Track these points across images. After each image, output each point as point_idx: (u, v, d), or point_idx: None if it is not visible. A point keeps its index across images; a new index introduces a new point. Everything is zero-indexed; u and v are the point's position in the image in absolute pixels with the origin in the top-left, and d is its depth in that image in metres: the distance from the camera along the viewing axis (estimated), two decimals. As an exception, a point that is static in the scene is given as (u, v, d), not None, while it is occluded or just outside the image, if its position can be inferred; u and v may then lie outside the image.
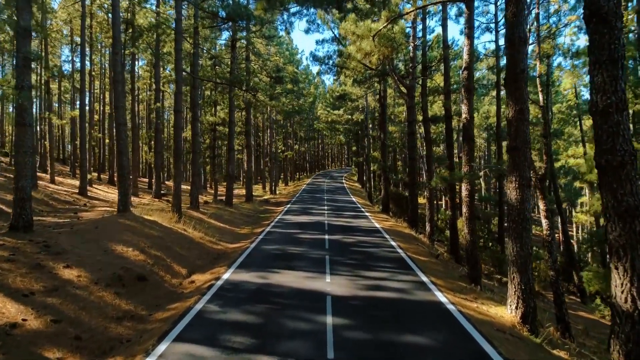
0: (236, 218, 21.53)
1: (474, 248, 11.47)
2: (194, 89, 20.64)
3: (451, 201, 17.39)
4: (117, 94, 13.93)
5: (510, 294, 8.08)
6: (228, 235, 16.89)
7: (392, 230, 17.49)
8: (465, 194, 11.60)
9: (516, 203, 7.96)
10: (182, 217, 16.11)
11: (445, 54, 17.37)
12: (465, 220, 11.65)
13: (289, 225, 18.34)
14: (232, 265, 10.99)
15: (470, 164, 11.56)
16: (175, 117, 15.99)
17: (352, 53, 13.02)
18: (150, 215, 15.14)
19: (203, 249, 13.38)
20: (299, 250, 12.82)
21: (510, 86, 8.14)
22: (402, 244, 14.45)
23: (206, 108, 37.20)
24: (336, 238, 14.93)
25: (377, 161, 27.25)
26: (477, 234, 22.84)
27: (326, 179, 58.10)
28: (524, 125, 8.02)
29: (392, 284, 9.29)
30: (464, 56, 11.90)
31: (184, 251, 12.34)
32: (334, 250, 12.76)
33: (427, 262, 12.36)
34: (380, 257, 12.00)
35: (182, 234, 13.99)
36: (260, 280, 9.48)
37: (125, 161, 13.97)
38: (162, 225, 13.93)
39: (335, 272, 10.21)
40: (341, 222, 19.20)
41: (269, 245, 13.74)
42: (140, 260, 10.05)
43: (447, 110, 17.51)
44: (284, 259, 11.61)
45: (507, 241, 8.18)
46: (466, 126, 11.77)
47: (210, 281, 9.54)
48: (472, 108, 11.83)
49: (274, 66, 27.95)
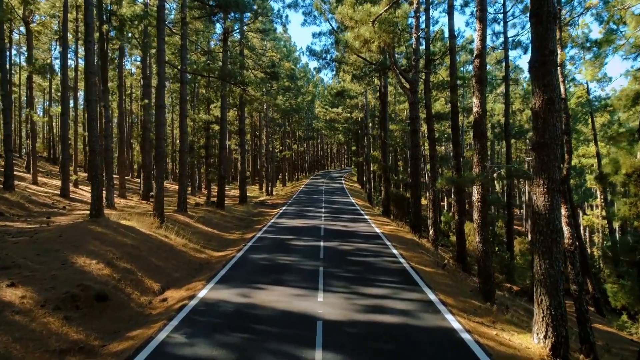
0: (227, 222, 20.20)
1: (486, 259, 10.15)
2: (182, 84, 19.32)
3: (458, 205, 16.05)
4: (89, 86, 12.60)
5: (537, 320, 6.75)
6: (215, 241, 15.56)
7: (393, 236, 16.16)
8: (477, 198, 10.27)
9: (544, 211, 6.63)
10: (165, 221, 14.79)
11: (451, 45, 16.04)
12: (477, 227, 10.33)
13: (283, 230, 17.01)
14: (212, 279, 9.66)
15: (483, 163, 10.23)
16: (157, 113, 14.68)
17: (349, 41, 11.70)
18: (129, 220, 13.82)
19: (184, 259, 12.05)
20: (290, 260, 11.49)
21: (536, 71, 6.80)
22: (404, 251, 13.11)
23: (200, 106, 35.91)
24: (332, 245, 13.60)
25: (378, 161, 25.92)
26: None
27: (325, 179, 56.79)
28: (554, 117, 6.69)
29: (396, 304, 7.95)
30: (476, 42, 10.58)
31: (161, 262, 11.01)
32: (329, 261, 11.43)
33: (433, 273, 11.02)
34: (381, 269, 10.67)
35: (162, 242, 12.66)
36: (242, 299, 8.15)
37: (98, 160, 12.65)
38: (139, 231, 12.60)
39: (329, 288, 8.88)
40: (339, 226, 17.87)
41: (257, 253, 12.40)
42: (104, 274, 8.71)
43: (454, 106, 16.17)
44: (272, 271, 10.28)
45: (535, 256, 6.86)
46: (478, 121, 10.44)
47: (183, 300, 8.21)
48: (485, 101, 10.50)
49: (269, 61, 26.62)
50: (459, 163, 15.70)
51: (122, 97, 25.87)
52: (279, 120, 53.48)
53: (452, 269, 13.48)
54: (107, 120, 19.48)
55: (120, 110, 24.90)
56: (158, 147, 14.61)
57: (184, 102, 19.12)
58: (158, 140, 14.60)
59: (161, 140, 14.57)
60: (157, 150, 14.63)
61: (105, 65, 19.49)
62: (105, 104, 19.43)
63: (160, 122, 14.60)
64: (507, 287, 16.98)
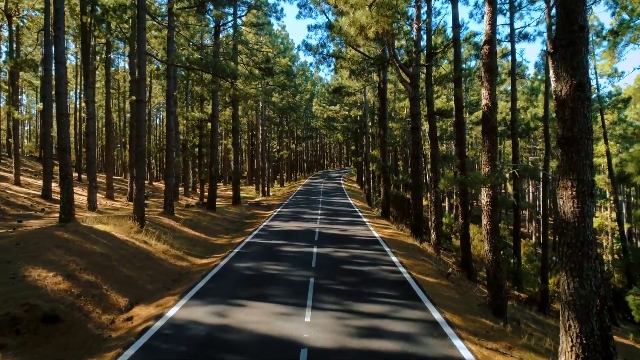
0: (216, 225, 19.07)
1: (497, 270, 9.03)
2: (168, 79, 18.22)
3: (462, 207, 14.91)
4: (58, 77, 11.50)
5: (564, 350, 5.64)
6: (201, 246, 14.45)
7: (392, 241, 15.05)
8: (487, 201, 9.15)
9: (572, 219, 5.52)
10: (145, 225, 13.67)
11: (455, 34, 14.92)
12: (486, 234, 9.20)
13: (274, 234, 15.89)
14: (187, 293, 8.55)
15: (493, 162, 9.11)
16: (137, 108, 13.57)
17: (344, 27, 10.55)
18: (105, 224, 12.72)
19: (161, 268, 10.93)
20: (278, 270, 10.37)
21: (562, 51, 5.69)
22: (405, 259, 12.00)
23: (193, 104, 34.82)
24: (326, 252, 12.48)
25: (377, 160, 24.78)
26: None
27: (324, 179, 55.68)
28: (584, 106, 5.57)
29: (395, 325, 6.83)
30: (484, 27, 9.45)
31: (134, 272, 9.89)
32: (321, 270, 10.31)
33: (436, 285, 9.90)
34: (378, 280, 9.55)
35: (139, 248, 11.54)
36: (216, 319, 7.03)
37: (68, 159, 11.55)
38: (114, 237, 11.49)
39: (319, 305, 7.76)
40: (335, 230, 16.76)
41: (243, 261, 11.29)
42: (60, 290, 7.59)
43: (458, 100, 15.04)
44: (257, 284, 9.15)
45: (561, 273, 5.74)
46: (487, 115, 9.31)
47: (149, 320, 7.10)
48: (495, 92, 9.37)
49: (264, 57, 25.48)
50: (464, 162, 14.57)
51: (110, 93, 24.73)
52: (277, 119, 52.37)
53: (457, 278, 12.36)
54: (89, 117, 18.37)
55: (107, 106, 23.76)
56: (138, 145, 13.48)
57: (171, 98, 17.99)
58: (138, 138, 13.48)
59: (142, 137, 13.44)
60: (138, 148, 13.51)
61: (87, 59, 18.39)
62: (87, 99, 18.33)
63: (141, 118, 13.48)
64: (515, 295, 15.86)
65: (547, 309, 15.50)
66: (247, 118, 54.59)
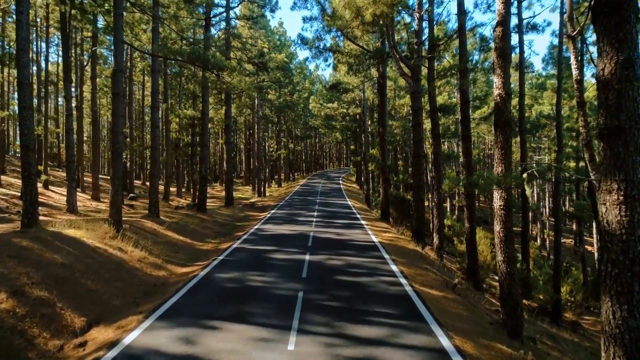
0: (205, 228, 17.92)
1: (512, 284, 7.88)
2: (153, 73, 17.07)
3: (469, 210, 13.74)
4: (20, 68, 10.38)
5: (608, 394, 4.49)
6: (184, 253, 13.30)
7: (392, 246, 13.90)
8: (500, 205, 8.00)
9: (619, 230, 4.38)
10: (122, 230, 12.52)
11: (460, 22, 13.78)
12: (499, 242, 8.05)
13: (265, 238, 14.75)
14: (155, 310, 7.41)
15: (507, 161, 7.97)
16: (113, 102, 12.43)
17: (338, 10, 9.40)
18: (77, 229, 11.58)
19: (134, 278, 9.78)
20: (263, 282, 9.23)
21: (605, 20, 4.55)
22: (406, 268, 10.86)
23: (186, 102, 33.69)
24: (319, 259, 11.34)
25: (376, 160, 23.64)
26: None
27: (322, 179, 54.57)
28: (633, 88, 4.43)
29: (396, 355, 5.69)
30: (497, 6, 8.31)
31: (100, 284, 8.74)
32: (312, 282, 9.17)
33: (442, 300, 8.76)
34: (376, 295, 8.40)
35: (111, 256, 10.39)
36: (182, 347, 5.88)
37: (31, 158, 10.43)
38: (84, 244, 10.35)
39: (306, 327, 6.62)
40: (330, 234, 15.61)
41: (226, 271, 10.14)
42: (3, 309, 6.45)
43: (464, 94, 13.89)
44: (238, 299, 8.01)
45: (603, 297, 4.60)
46: (500, 107, 8.17)
47: (102, 348, 5.96)
48: (509, 80, 8.22)
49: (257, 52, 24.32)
50: (470, 161, 13.42)
51: (96, 89, 23.57)
52: (274, 118, 51.20)
53: (463, 289, 11.21)
54: (68, 113, 17.23)
55: (93, 102, 22.61)
56: (115, 142, 12.34)
57: (156, 93, 16.83)
58: (115, 134, 12.33)
59: (118, 133, 12.29)
60: (114, 145, 12.37)
61: (67, 50, 17.22)
62: (66, 94, 17.16)
63: (118, 113, 12.33)
64: (526, 305, 14.70)
65: (559, 319, 14.39)
66: (244, 117, 53.42)
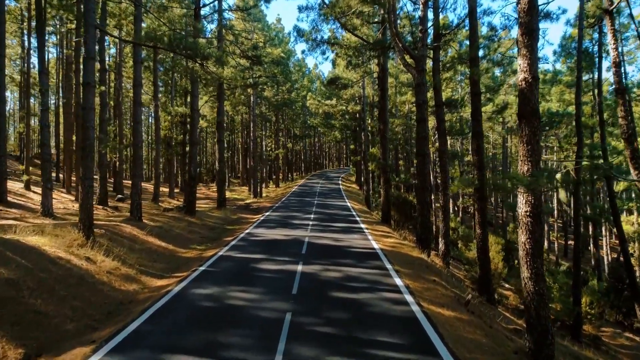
0: (192, 232, 16.59)
1: (541, 306, 6.54)
2: (135, 64, 15.78)
3: (480, 214, 12.32)
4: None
5: None
6: (163, 261, 11.97)
7: (395, 254, 12.57)
8: (526, 211, 6.67)
9: None
10: (95, 236, 11.18)
11: (471, 6, 12.44)
12: (526, 255, 6.72)
13: (255, 245, 13.43)
14: (110, 340, 6.10)
15: (536, 158, 6.65)
16: (83, 93, 11.10)
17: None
18: (41, 236, 10.27)
19: (98, 295, 8.44)
20: (247, 300, 7.90)
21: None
22: (411, 281, 9.53)
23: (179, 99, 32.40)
24: (314, 271, 10.02)
25: (376, 159, 22.32)
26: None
27: (321, 179, 53.26)
28: None
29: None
30: (523, -27, 7.00)
31: (52, 305, 7.41)
32: (304, 300, 7.85)
33: (455, 322, 7.44)
34: (379, 317, 7.08)
35: (75, 268, 9.06)
36: (128, 398, 4.56)
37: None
38: (43, 254, 9.02)
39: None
40: (327, 239, 14.29)
41: (205, 285, 8.81)
42: None
43: (475, 84, 12.55)
44: (212, 325, 6.68)
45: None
46: (526, 94, 6.85)
47: (28, 397, 4.63)
48: (537, 62, 6.90)
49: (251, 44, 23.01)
50: (481, 159, 12.07)
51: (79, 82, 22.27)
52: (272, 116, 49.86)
53: (476, 304, 9.89)
54: (44, 107, 15.90)
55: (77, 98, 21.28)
56: (84, 137, 10.99)
57: (138, 86, 15.52)
58: (84, 130, 10.98)
59: (88, 129, 10.95)
60: (84, 142, 11.03)
61: (42, 40, 15.90)
62: (42, 88, 15.84)
63: (88, 105, 11.00)
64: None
65: (580, 334, 13.09)
66: (241, 116, 52.11)
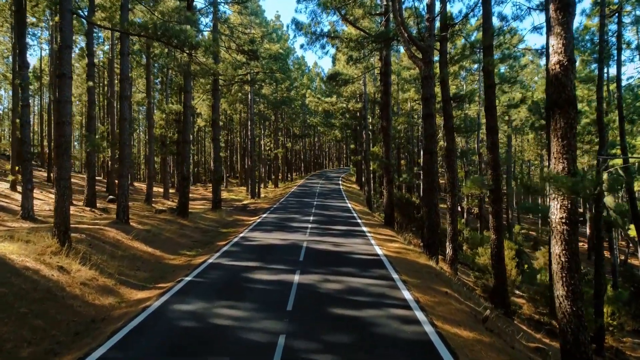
0: (182, 236, 15.57)
1: (580, 329, 5.49)
2: (122, 57, 14.76)
3: (495, 219, 11.16)
4: None
5: None
6: (148, 269, 10.95)
7: (401, 261, 11.55)
8: (561, 218, 5.64)
9: None
10: (70, 242, 10.16)
11: (484, -11, 11.48)
12: (561, 270, 5.70)
13: (249, 251, 12.41)
14: (65, 374, 5.06)
15: (571, 155, 5.64)
16: (59, 84, 10.11)
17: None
18: (10, 242, 9.30)
19: (65, 312, 7.42)
20: (234, 319, 6.87)
21: None
22: (421, 294, 8.51)
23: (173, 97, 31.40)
24: (312, 281, 9.00)
25: (378, 158, 21.29)
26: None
27: (321, 179, 52.24)
28: None
29: None
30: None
31: (8, 325, 6.39)
32: (299, 319, 6.82)
33: (475, 345, 6.41)
34: (387, 341, 6.06)
35: (43, 280, 8.04)
36: None
37: None
38: (8, 264, 8.02)
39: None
40: (327, 244, 13.27)
41: (189, 300, 7.78)
42: None
43: (489, 75, 11.53)
44: (190, 353, 5.65)
45: None
46: (560, 79, 5.84)
47: None
48: (572, 43, 5.88)
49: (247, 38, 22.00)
50: (497, 157, 11.05)
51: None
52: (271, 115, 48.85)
53: (494, 320, 8.86)
54: (24, 103, 14.89)
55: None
56: (60, 134, 9.99)
57: (125, 80, 14.50)
58: (59, 125, 9.98)
59: (64, 124, 9.95)
60: (59, 139, 10.03)
61: (22, 31, 14.89)
62: (22, 82, 14.82)
63: (64, 99, 10.00)
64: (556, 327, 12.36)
65: (602, 348, 12.08)
66: (239, 115, 51.11)
